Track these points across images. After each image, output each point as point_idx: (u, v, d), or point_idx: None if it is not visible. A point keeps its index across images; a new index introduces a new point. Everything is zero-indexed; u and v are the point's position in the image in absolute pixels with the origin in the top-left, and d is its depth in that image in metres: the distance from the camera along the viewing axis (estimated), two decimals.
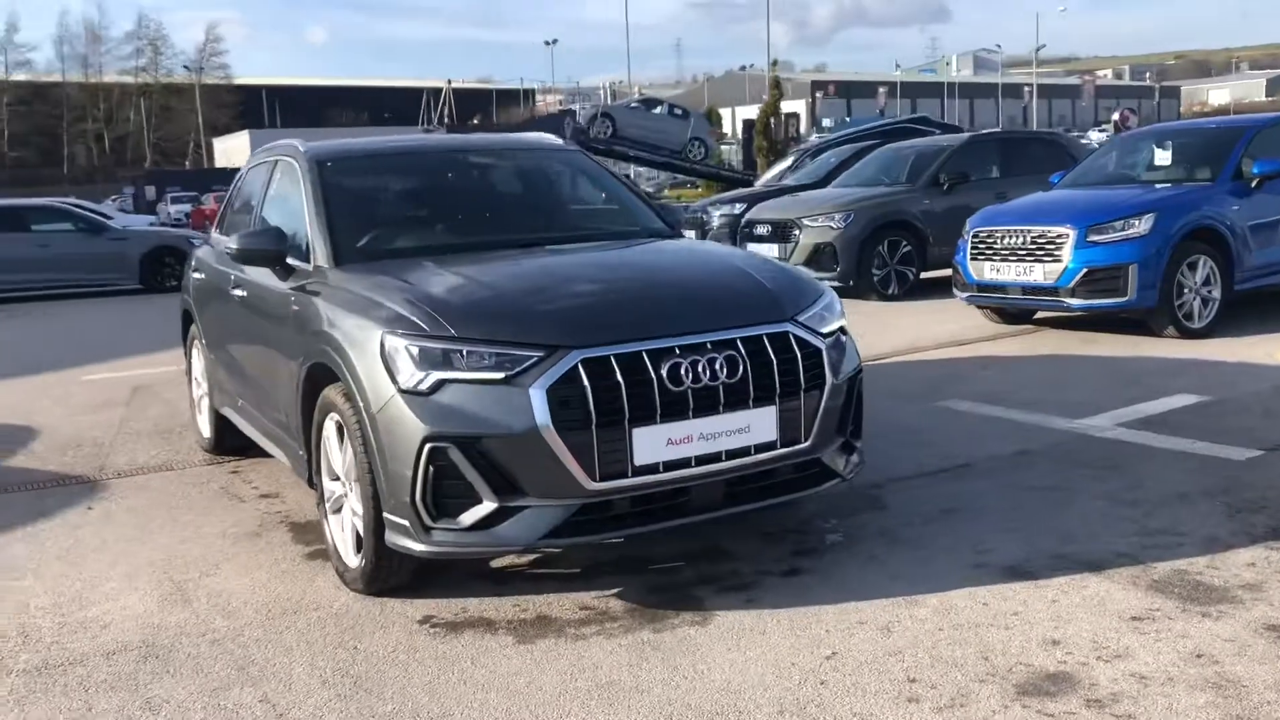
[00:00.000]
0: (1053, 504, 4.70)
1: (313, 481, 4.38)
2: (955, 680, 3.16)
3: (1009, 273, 9.02)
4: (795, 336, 3.94)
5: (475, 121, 32.79)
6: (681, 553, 4.31)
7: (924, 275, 12.55)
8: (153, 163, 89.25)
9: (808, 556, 4.25)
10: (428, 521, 3.63)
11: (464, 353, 3.62)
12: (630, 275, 4.37)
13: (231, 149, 67.19)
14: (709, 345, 3.76)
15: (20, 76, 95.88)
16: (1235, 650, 3.25)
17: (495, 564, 4.25)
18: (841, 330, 4.29)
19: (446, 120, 30.26)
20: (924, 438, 5.95)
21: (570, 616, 3.77)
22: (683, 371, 3.67)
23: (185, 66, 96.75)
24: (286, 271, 4.67)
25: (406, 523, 3.66)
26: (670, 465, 3.68)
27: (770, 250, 12.61)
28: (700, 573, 4.12)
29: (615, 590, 3.98)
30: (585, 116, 31.52)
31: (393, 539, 3.73)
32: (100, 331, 13.34)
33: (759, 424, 3.83)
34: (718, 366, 3.73)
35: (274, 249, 4.67)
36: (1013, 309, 9.54)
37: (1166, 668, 3.16)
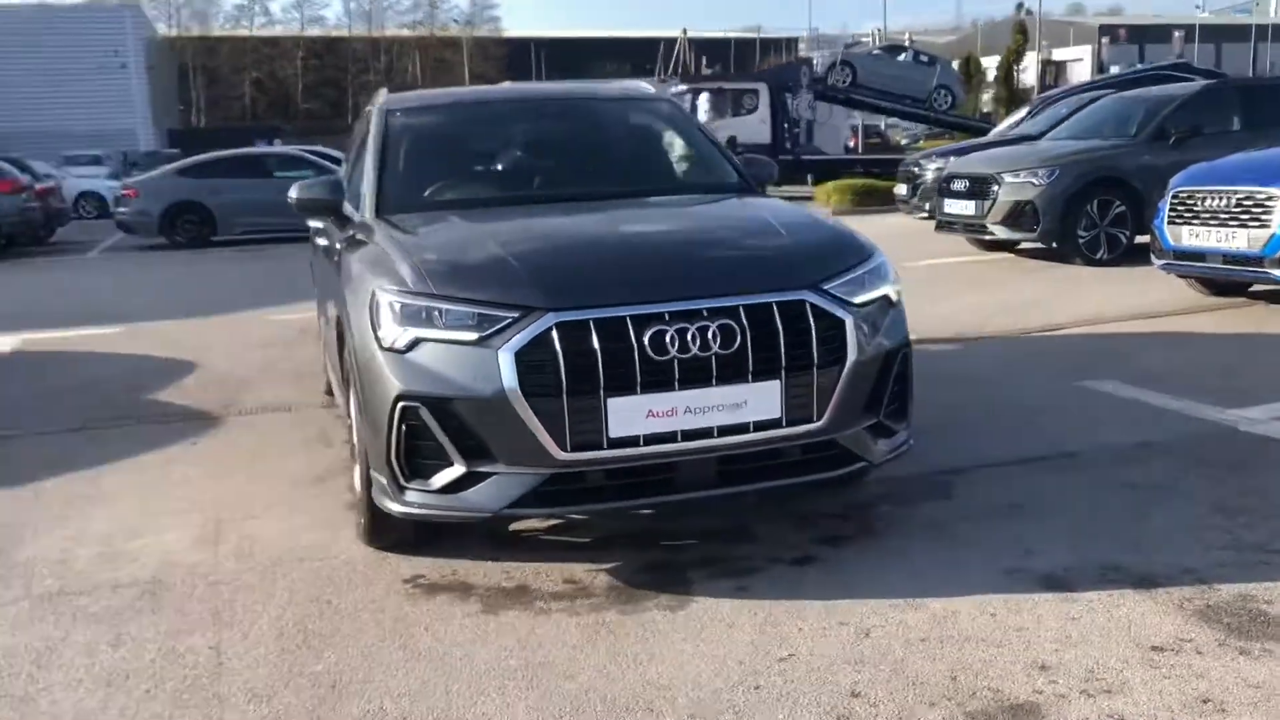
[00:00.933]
0: (1142, 506, 4.14)
1: None
2: (902, 700, 2.81)
3: (1209, 239, 8.06)
4: (812, 305, 3.60)
5: (710, 71, 32.48)
6: (702, 530, 4.07)
7: (1142, 239, 11.44)
8: None
9: (831, 545, 3.92)
10: (402, 481, 3.57)
11: (443, 311, 3.50)
12: (647, 235, 4.13)
13: None
14: (704, 313, 3.47)
15: (313, 32, 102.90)
16: (1253, 700, 2.73)
17: (515, 527, 4.15)
18: (886, 300, 3.90)
19: (680, 70, 30.03)
20: (1040, 420, 5.40)
21: (549, 589, 3.62)
22: (668, 340, 3.41)
23: (455, 20, 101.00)
24: (342, 222, 4.70)
25: (385, 481, 3.61)
26: (652, 439, 3.44)
27: (967, 207, 11.84)
28: (709, 553, 3.87)
29: (611, 565, 3.80)
30: (823, 64, 30.60)
31: (376, 496, 3.70)
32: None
33: (759, 399, 3.52)
34: (709, 336, 3.44)
35: (327, 199, 4.70)
36: (1216, 280, 8.53)
37: (1155, 712, 2.69)
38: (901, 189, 17.10)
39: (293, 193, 4.77)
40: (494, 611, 3.47)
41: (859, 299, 3.78)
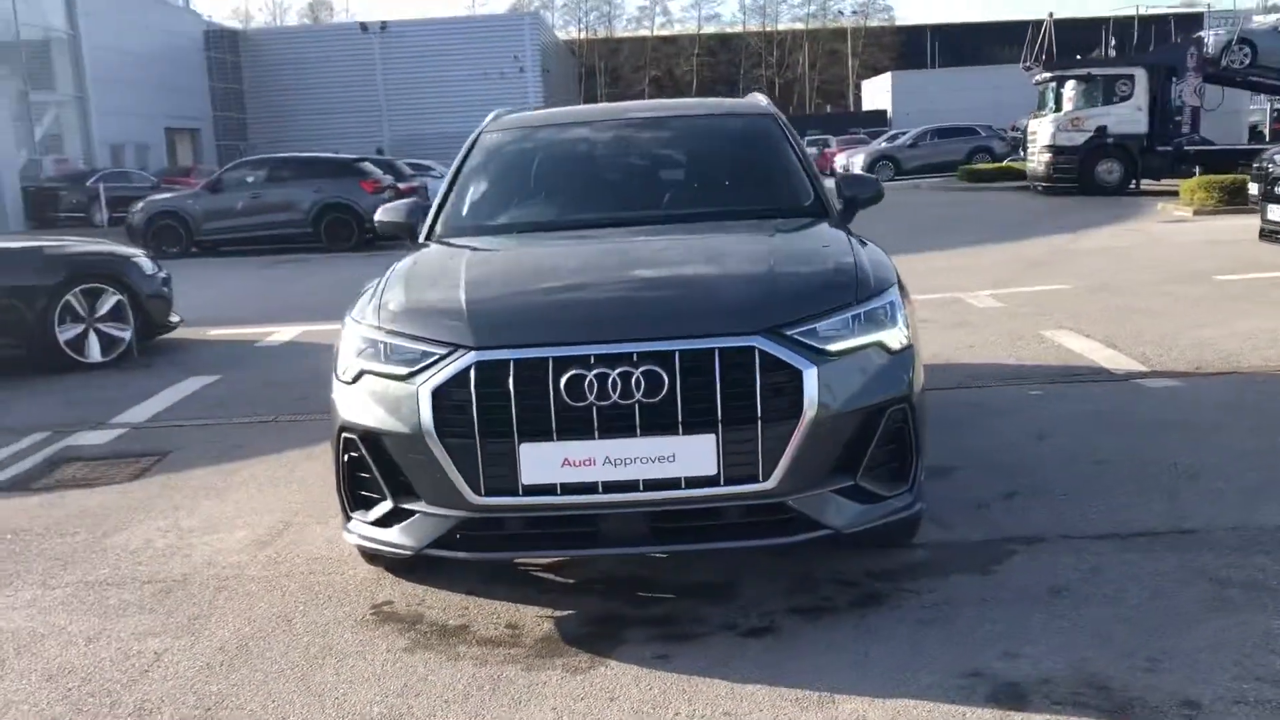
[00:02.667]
0: (1207, 610, 3.40)
1: None
2: None
3: None
4: (762, 353, 3.25)
5: (1079, 57, 29.91)
6: (688, 583, 3.81)
7: None
8: (815, 106, 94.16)
9: (805, 616, 3.53)
10: (348, 510, 3.62)
11: (386, 346, 3.50)
12: (626, 271, 3.88)
13: (875, 91, 68.59)
14: (634, 357, 3.23)
15: (709, 29, 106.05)
16: None
17: (521, 562, 4.08)
18: (879, 347, 3.45)
19: (1044, 56, 27.87)
20: (1195, 486, 4.56)
21: (485, 633, 3.54)
22: (585, 385, 3.21)
23: (850, 11, 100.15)
24: (415, 245, 4.83)
25: (341, 509, 3.68)
26: (570, 488, 3.26)
27: None
28: (672, 610, 3.62)
29: (565, 613, 3.65)
30: (1216, 43, 27.32)
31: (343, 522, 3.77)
32: None
33: (691, 454, 3.23)
34: (633, 383, 3.20)
35: (401, 221, 4.83)
36: None
37: None
38: (1254, 188, 14.99)
39: (376, 215, 4.95)
40: (414, 650, 3.44)
41: (836, 346, 3.37)
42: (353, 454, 3.53)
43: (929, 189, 30.44)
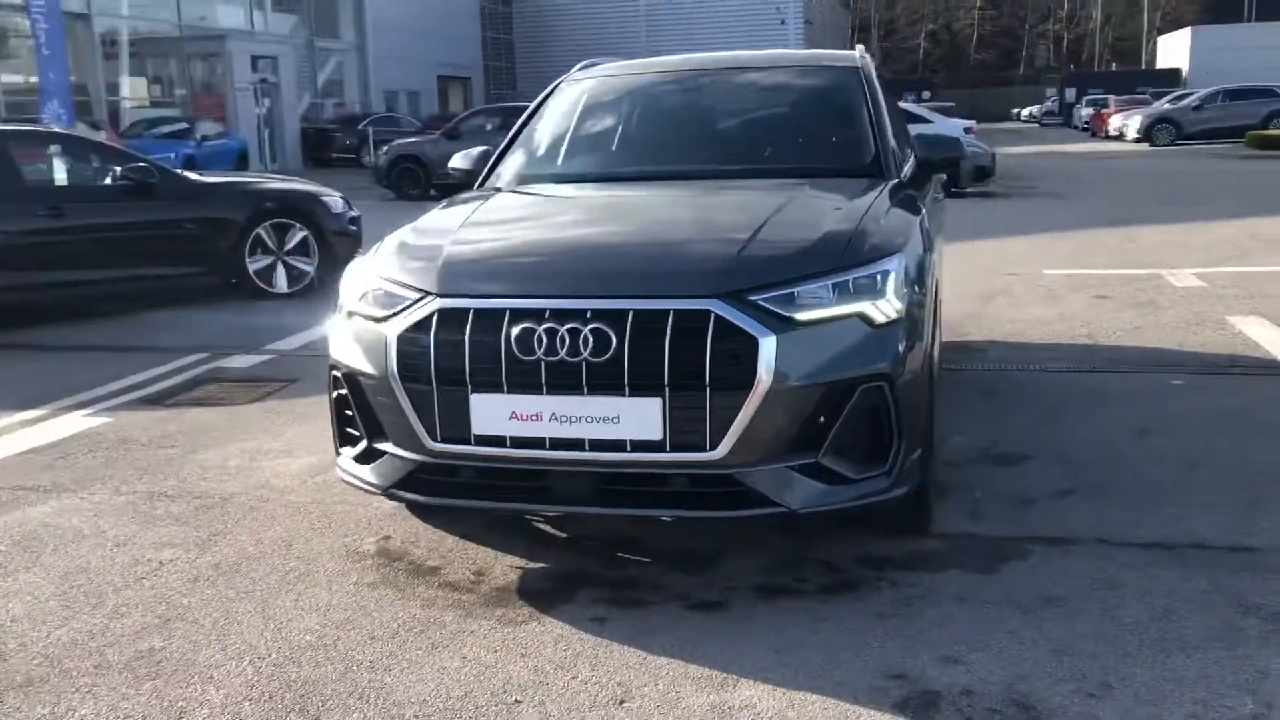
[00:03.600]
0: (1206, 639, 3.02)
1: None
2: None
3: None
4: (718, 318, 3.11)
5: None
6: (672, 548, 3.73)
7: None
8: (1105, 63, 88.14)
9: (763, 596, 3.38)
10: (337, 445, 3.74)
11: (375, 288, 3.58)
12: (621, 226, 3.78)
13: (1172, 48, 63.23)
14: (588, 314, 3.17)
15: None
16: None
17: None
18: (859, 318, 3.23)
19: None
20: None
21: (452, 577, 3.59)
22: (534, 339, 3.18)
23: None
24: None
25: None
26: (519, 442, 3.25)
27: None
28: (640, 575, 3.56)
29: (538, 566, 3.66)
30: None
31: None
32: None
33: (636, 416, 3.15)
34: (580, 340, 3.14)
35: (470, 169, 4.91)
36: None
37: None
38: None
39: (450, 162, 5.04)
40: (377, 586, 3.54)
41: (806, 314, 3.18)
42: (339, 391, 3.64)
43: (1208, 155, 28.00)
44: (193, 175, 9.67)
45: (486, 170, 4.76)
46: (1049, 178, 22.76)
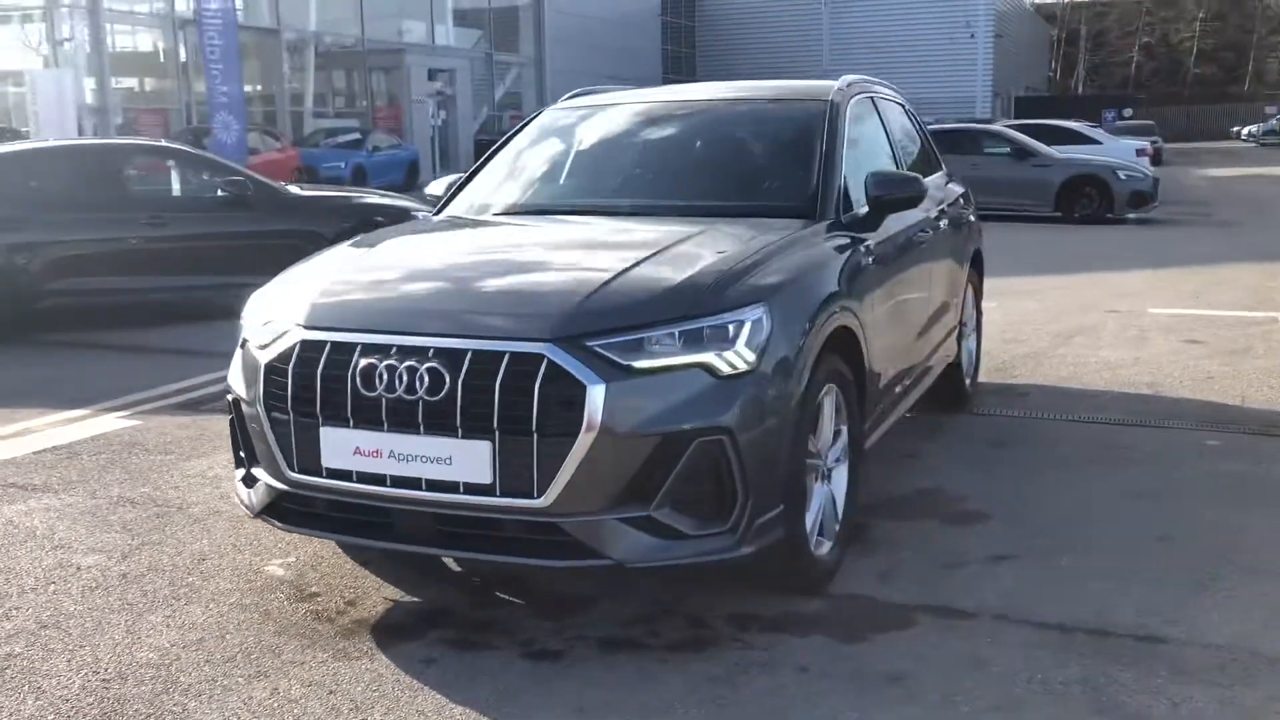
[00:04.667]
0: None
1: None
2: None
3: None
4: (550, 362, 3.05)
5: None
6: (556, 594, 3.67)
7: None
8: None
9: (604, 648, 3.28)
10: (235, 466, 3.84)
11: (261, 319, 3.65)
12: (497, 263, 3.75)
13: None
14: (430, 352, 3.16)
15: None
16: None
17: None
18: (703, 369, 3.11)
19: None
20: (1249, 586, 3.66)
21: (321, 604, 3.62)
22: (376, 376, 3.18)
23: None
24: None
25: None
26: (364, 477, 3.26)
27: None
28: (501, 617, 3.51)
29: (409, 599, 3.66)
30: None
31: None
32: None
33: (468, 459, 3.11)
34: (418, 379, 3.13)
35: (437, 194, 4.96)
36: None
37: None
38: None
39: (426, 189, 5.11)
40: (243, 607, 3.60)
41: (644, 363, 3.08)
42: (231, 416, 3.74)
43: None
44: (292, 188, 10.13)
45: (445, 199, 4.80)
46: (1233, 204, 21.29)
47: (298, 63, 28.75)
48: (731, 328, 3.18)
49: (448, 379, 3.10)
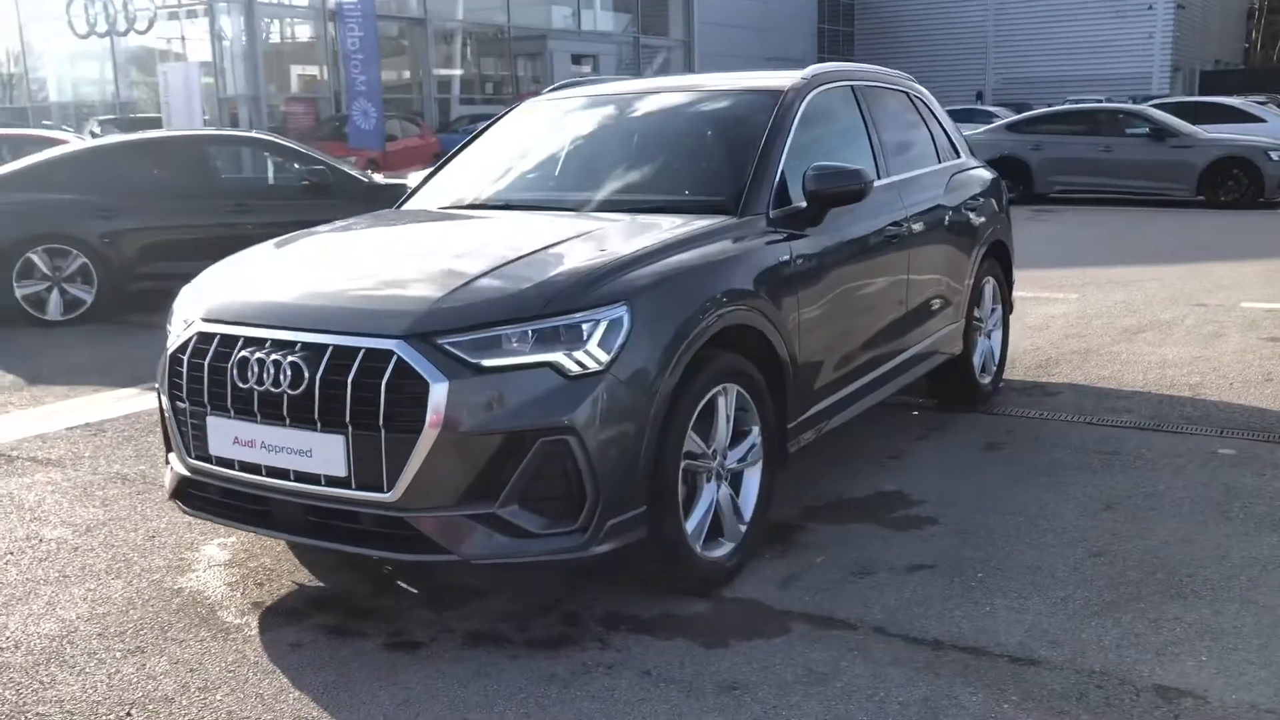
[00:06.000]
0: None
1: None
2: None
3: None
4: (399, 359, 3.10)
5: None
6: (454, 585, 3.73)
7: None
8: None
9: (468, 642, 3.32)
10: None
11: (177, 313, 3.80)
12: (383, 258, 3.84)
13: None
14: (298, 346, 3.26)
15: None
16: None
17: None
18: (552, 369, 3.11)
19: None
20: (1179, 607, 3.44)
21: (238, 585, 3.79)
22: (249, 368, 3.31)
23: None
24: None
25: None
26: (245, 466, 3.39)
27: None
28: (383, 606, 3.60)
29: (316, 586, 3.78)
30: None
31: None
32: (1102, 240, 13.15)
33: (326, 452, 3.20)
34: (282, 373, 3.24)
35: (409, 186, 5.07)
36: None
37: None
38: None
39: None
40: (160, 587, 3.80)
41: (491, 361, 3.11)
42: (157, 405, 3.93)
43: None
44: (376, 177, 10.46)
45: (409, 193, 4.89)
46: None
47: (445, 51, 29.53)
48: (585, 327, 3.16)
49: (306, 374, 3.18)
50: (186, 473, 3.59)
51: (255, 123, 22.66)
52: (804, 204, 4.11)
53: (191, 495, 3.63)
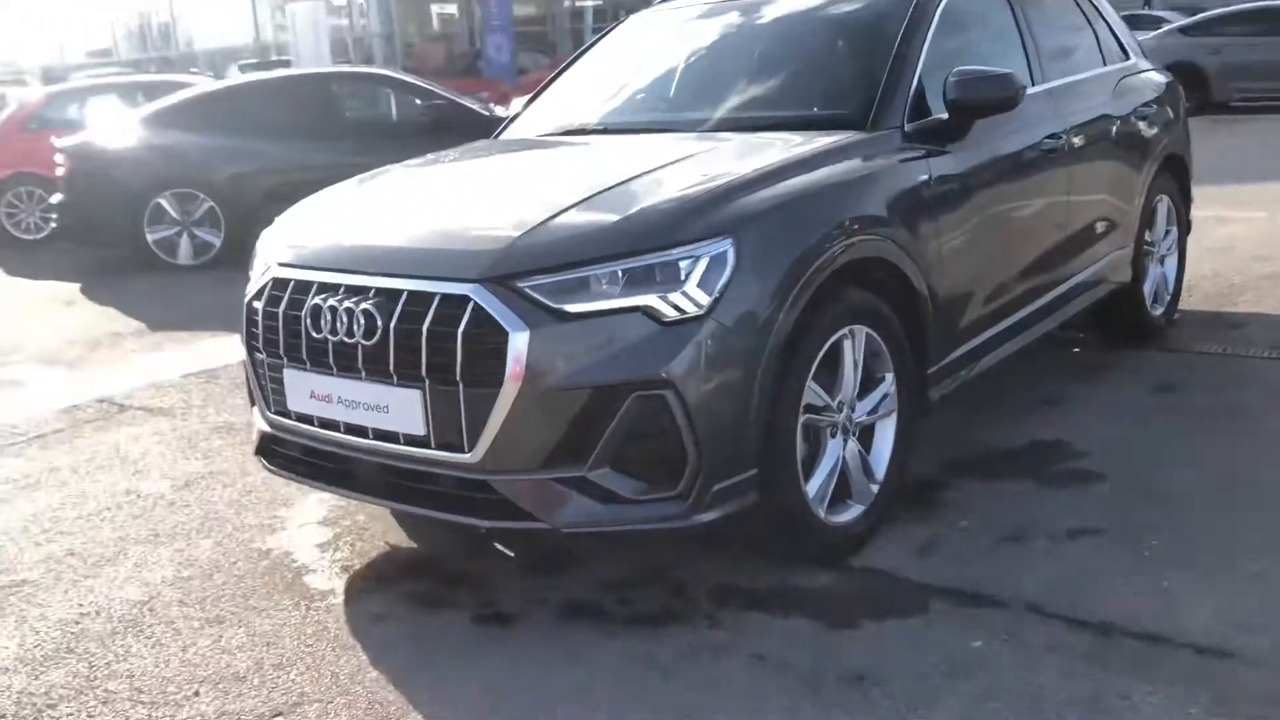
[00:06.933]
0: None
1: None
2: None
3: None
4: (477, 306, 2.76)
5: None
6: (551, 548, 3.42)
7: None
8: None
9: (565, 617, 3.00)
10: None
11: (261, 256, 3.53)
12: (479, 193, 3.44)
13: None
14: (372, 292, 2.95)
15: None
16: None
17: None
18: (646, 313, 2.72)
19: None
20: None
21: (341, 554, 3.56)
22: (323, 316, 3.01)
23: None
24: None
25: None
26: (323, 423, 3.11)
27: None
28: (473, 572, 3.31)
29: (411, 548, 3.52)
30: None
31: None
32: None
33: (403, 409, 2.89)
34: (355, 321, 2.93)
35: (509, 114, 4.71)
36: None
37: None
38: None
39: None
40: (249, 552, 3.59)
41: (580, 306, 2.73)
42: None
43: None
44: (497, 109, 10.15)
45: (507, 121, 4.53)
46: None
47: None
48: (683, 265, 2.75)
49: (380, 322, 2.87)
50: (268, 428, 3.34)
51: (389, 61, 22.68)
52: (945, 115, 3.58)
53: (274, 452, 3.39)
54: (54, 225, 9.80)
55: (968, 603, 2.91)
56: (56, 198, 9.29)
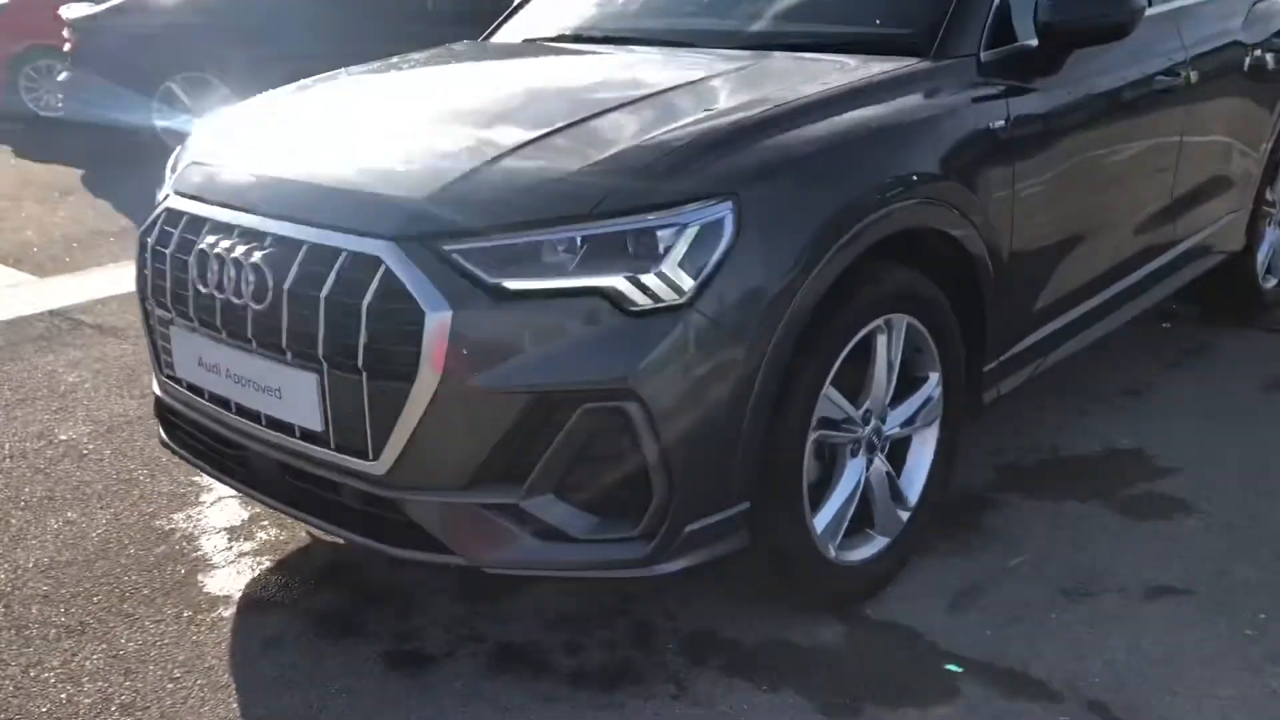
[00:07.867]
0: None
1: None
2: None
3: None
4: (388, 271, 2.08)
5: None
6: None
7: None
8: None
9: (487, 661, 2.38)
10: None
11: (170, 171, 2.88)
12: (456, 112, 2.72)
13: None
14: (268, 240, 2.28)
15: None
16: None
17: None
18: (605, 296, 2.03)
19: None
20: None
21: (275, 556, 2.97)
22: (209, 265, 2.35)
23: None
24: None
25: None
26: (215, 399, 2.47)
27: None
28: (408, 598, 2.70)
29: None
30: None
31: None
32: None
33: (297, 394, 2.25)
34: (244, 276, 2.27)
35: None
36: None
37: None
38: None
39: None
40: (155, 523, 3.02)
41: (522, 283, 2.05)
42: None
43: None
44: None
45: (500, 20, 3.78)
46: None
47: None
48: (663, 235, 2.05)
49: (270, 280, 2.21)
50: (159, 393, 2.72)
51: None
52: (1034, 43, 2.79)
53: (169, 422, 2.76)
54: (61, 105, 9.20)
55: (1009, 688, 2.24)
56: (62, 75, 8.67)
